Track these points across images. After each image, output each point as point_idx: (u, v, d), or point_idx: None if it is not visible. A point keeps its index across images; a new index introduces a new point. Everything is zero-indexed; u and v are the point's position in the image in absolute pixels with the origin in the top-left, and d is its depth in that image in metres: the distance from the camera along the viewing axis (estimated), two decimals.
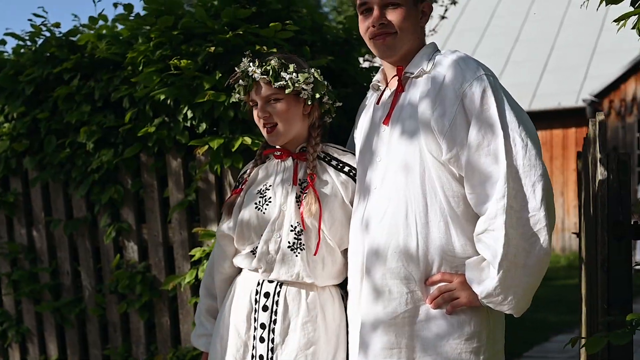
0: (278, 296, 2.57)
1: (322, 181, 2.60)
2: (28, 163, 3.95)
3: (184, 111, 3.30)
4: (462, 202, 2.34)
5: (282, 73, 2.56)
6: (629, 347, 2.53)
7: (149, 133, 3.42)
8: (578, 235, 4.19)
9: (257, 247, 2.60)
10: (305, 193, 2.55)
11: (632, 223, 2.60)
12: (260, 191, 2.63)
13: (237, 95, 2.66)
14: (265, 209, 2.59)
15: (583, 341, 2.64)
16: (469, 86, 2.28)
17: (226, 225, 2.70)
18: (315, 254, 2.55)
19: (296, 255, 2.55)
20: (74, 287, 3.97)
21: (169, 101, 3.30)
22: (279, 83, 2.55)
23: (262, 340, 2.56)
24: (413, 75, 2.44)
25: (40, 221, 4.04)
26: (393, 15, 2.42)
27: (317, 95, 2.62)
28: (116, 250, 3.77)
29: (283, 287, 2.57)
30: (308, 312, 2.56)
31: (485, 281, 2.26)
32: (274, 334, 2.55)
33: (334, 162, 2.65)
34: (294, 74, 2.57)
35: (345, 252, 2.62)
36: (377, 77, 2.62)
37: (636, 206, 2.74)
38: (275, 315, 2.56)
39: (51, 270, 4.02)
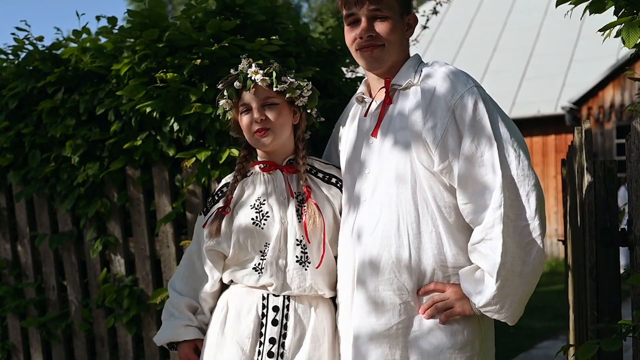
0: (287, 310, 2.55)
1: (316, 194, 2.59)
2: (12, 177, 3.92)
3: (170, 123, 3.29)
4: (454, 212, 2.36)
5: (282, 77, 2.56)
6: (619, 354, 2.54)
7: (135, 146, 3.41)
8: (564, 242, 4.22)
9: (260, 264, 2.56)
10: (304, 206, 2.55)
11: (619, 230, 2.63)
12: (254, 206, 2.59)
13: (223, 101, 2.62)
14: (264, 224, 2.55)
15: (572, 349, 2.66)
16: (460, 98, 2.30)
17: (214, 242, 2.64)
18: (318, 267, 2.54)
19: (305, 269, 2.53)
20: (60, 302, 3.94)
21: (154, 114, 3.29)
22: (281, 86, 2.55)
23: (270, 355, 2.52)
24: (401, 87, 2.45)
25: (25, 236, 4.01)
26: (381, 27, 2.43)
27: (312, 105, 2.64)
28: (103, 264, 3.75)
29: (291, 300, 2.56)
30: (318, 325, 2.55)
31: (483, 290, 2.27)
32: (283, 348, 2.52)
33: (320, 175, 2.65)
34: (295, 80, 2.58)
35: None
36: (361, 88, 2.62)
37: (622, 213, 2.75)
38: (285, 329, 2.53)
39: (36, 285, 3.99)
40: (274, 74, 2.55)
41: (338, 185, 2.62)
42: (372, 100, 2.54)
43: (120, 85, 3.46)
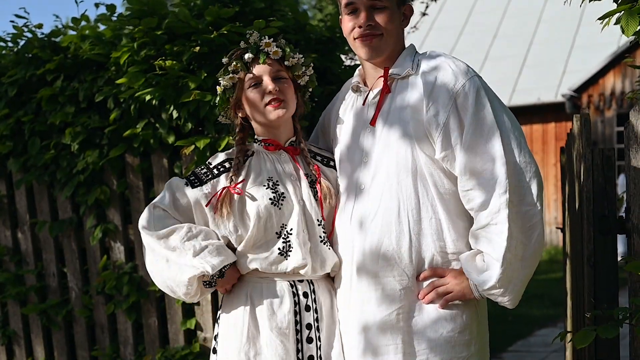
0: (314, 294, 2.54)
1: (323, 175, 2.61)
2: (12, 165, 3.93)
3: (170, 111, 3.30)
4: (454, 199, 2.39)
5: (291, 53, 2.57)
6: (616, 340, 2.56)
7: (135, 133, 3.41)
8: (562, 229, 4.23)
9: (284, 247, 2.50)
10: (315, 186, 2.55)
11: (617, 217, 2.64)
12: (269, 186, 2.52)
13: (227, 77, 2.55)
14: (282, 204, 2.50)
15: (569, 335, 2.67)
16: (462, 86, 2.34)
17: (230, 229, 2.52)
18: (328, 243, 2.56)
19: (329, 248, 2.52)
20: (60, 288, 3.95)
21: (154, 101, 3.30)
22: (292, 60, 2.56)
23: (309, 340, 2.51)
24: (399, 77, 2.47)
25: (25, 223, 4.03)
26: (380, 17, 2.44)
27: (312, 85, 2.65)
28: (102, 251, 3.76)
29: (315, 284, 2.54)
30: (335, 301, 2.56)
31: (486, 274, 2.32)
32: (319, 332, 2.52)
33: (319, 158, 2.65)
34: (302, 57, 2.59)
35: None
36: (356, 78, 2.63)
37: (620, 201, 2.78)
38: (316, 312, 2.53)
39: (37, 272, 4.01)
40: (287, 49, 2.56)
41: (336, 167, 2.63)
42: (370, 90, 2.55)
43: (119, 72, 3.47)
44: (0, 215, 4.11)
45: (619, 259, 2.61)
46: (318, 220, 2.52)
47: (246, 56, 2.55)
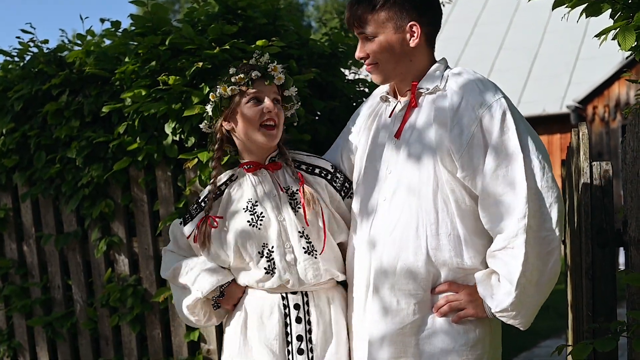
0: (308, 306, 2.59)
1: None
2: (18, 178, 3.97)
3: (173, 125, 3.33)
4: (473, 216, 2.39)
5: (291, 84, 2.67)
6: (614, 353, 2.57)
7: (139, 147, 3.44)
8: (563, 242, 4.24)
9: (270, 265, 2.58)
10: (295, 198, 2.59)
11: (615, 230, 2.66)
12: (247, 208, 2.62)
13: (229, 87, 2.59)
14: (261, 224, 2.58)
15: (569, 348, 2.69)
16: (489, 108, 2.33)
17: (213, 255, 2.68)
18: (322, 252, 2.58)
19: (315, 257, 2.57)
20: (65, 301, 3.98)
21: (157, 116, 3.33)
22: (289, 92, 2.66)
23: (300, 352, 2.56)
24: (427, 92, 2.46)
25: (31, 236, 4.06)
26: (369, 47, 2.47)
27: (289, 102, 2.72)
28: (107, 264, 3.79)
29: (309, 295, 2.60)
30: (337, 316, 2.61)
31: (500, 296, 2.33)
32: (311, 343, 2.57)
33: (303, 167, 2.69)
34: (295, 91, 2.68)
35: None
36: (385, 88, 2.63)
37: (620, 212, 2.79)
38: (309, 324, 2.58)
39: (42, 284, 4.04)
40: (290, 80, 2.65)
41: (322, 174, 2.67)
42: (398, 102, 2.55)
43: (123, 87, 3.50)
44: (6, 228, 4.14)
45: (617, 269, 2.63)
46: (299, 232, 2.57)
47: (253, 73, 2.59)
